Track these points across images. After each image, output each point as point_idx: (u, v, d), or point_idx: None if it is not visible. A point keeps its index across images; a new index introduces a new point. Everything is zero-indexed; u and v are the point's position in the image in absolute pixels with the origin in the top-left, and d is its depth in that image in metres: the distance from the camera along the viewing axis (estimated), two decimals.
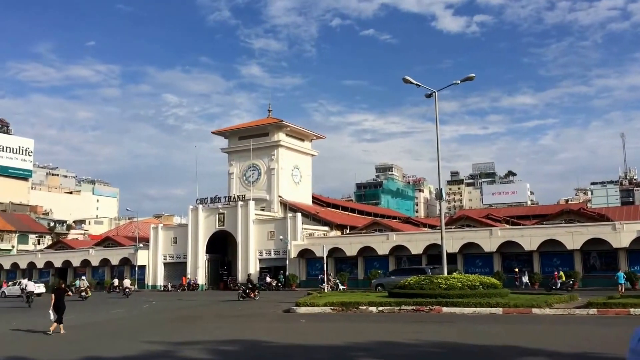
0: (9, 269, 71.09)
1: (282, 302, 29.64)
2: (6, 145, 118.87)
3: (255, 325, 19.37)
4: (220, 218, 57.23)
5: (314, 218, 60.45)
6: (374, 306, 23.44)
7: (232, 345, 14.22)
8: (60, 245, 79.58)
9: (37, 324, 20.41)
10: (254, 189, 62.31)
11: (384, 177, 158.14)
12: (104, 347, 14.38)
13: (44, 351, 13.58)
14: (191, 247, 57.77)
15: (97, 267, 64.68)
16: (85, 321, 22.69)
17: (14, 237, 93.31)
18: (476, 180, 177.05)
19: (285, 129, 64.75)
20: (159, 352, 13.19)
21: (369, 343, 14.15)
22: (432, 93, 28.61)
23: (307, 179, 67.87)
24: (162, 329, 19.09)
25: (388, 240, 49.21)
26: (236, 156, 65.71)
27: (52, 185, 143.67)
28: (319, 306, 24.10)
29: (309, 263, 52.01)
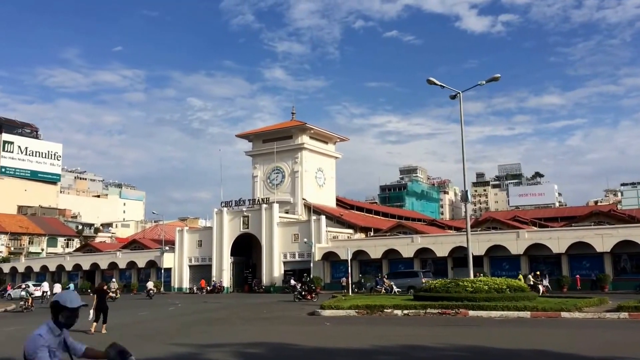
0: (39, 272, 72.33)
1: (306, 305, 29.61)
2: (36, 150, 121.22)
3: (280, 328, 19.36)
4: (245, 221, 57.47)
5: (338, 221, 60.36)
6: (399, 309, 23.25)
7: (257, 348, 14.22)
8: (88, 248, 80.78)
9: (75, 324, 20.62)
10: (278, 191, 62.47)
11: (408, 179, 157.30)
12: (131, 349, 14.46)
13: None
14: (216, 249, 58.13)
15: (124, 269, 65.49)
16: (112, 323, 22.92)
17: (44, 240, 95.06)
18: (502, 181, 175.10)
19: (309, 132, 64.81)
20: (185, 354, 13.24)
21: (394, 346, 14.01)
22: (457, 94, 28.34)
23: (330, 181, 67.82)
24: (188, 331, 19.19)
25: (413, 242, 48.89)
26: (260, 159, 65.97)
27: (80, 189, 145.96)
28: (343, 309, 23.99)
29: (333, 266, 51.94)
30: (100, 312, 18.52)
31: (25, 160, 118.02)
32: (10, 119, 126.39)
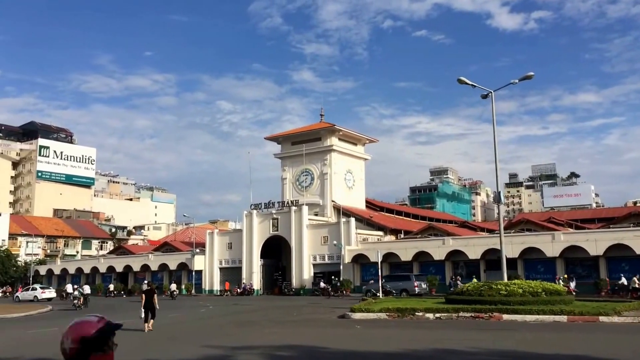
0: (74, 274, 73.65)
1: (336, 308, 29.42)
2: (70, 154, 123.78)
3: (311, 331, 19.23)
4: (274, 223, 57.57)
5: (367, 223, 60.02)
6: (431, 312, 22.91)
7: (288, 350, 14.11)
8: (122, 250, 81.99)
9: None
10: (307, 193, 62.45)
11: (438, 180, 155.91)
12: (163, 350, 14.55)
13: None
14: (246, 252, 58.36)
15: (156, 271, 66.21)
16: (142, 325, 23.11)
17: (78, 242, 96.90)
18: (536, 182, 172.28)
19: (338, 134, 64.65)
20: (217, 356, 13.22)
21: (427, 350, 13.76)
22: (489, 93, 27.84)
23: (360, 183, 67.52)
24: (219, 333, 19.21)
25: (444, 245, 48.28)
26: (289, 161, 66.06)
27: (113, 193, 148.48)
28: (374, 312, 23.74)
29: (363, 268, 51.62)
30: (149, 310, 20.02)
31: (60, 164, 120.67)
32: (46, 124, 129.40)
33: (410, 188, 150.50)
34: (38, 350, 14.97)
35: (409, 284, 40.41)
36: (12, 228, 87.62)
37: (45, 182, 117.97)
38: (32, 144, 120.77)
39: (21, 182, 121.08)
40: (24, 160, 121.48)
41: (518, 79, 27.79)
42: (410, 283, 40.64)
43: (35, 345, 16.31)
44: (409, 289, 39.28)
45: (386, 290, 40.27)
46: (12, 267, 76.37)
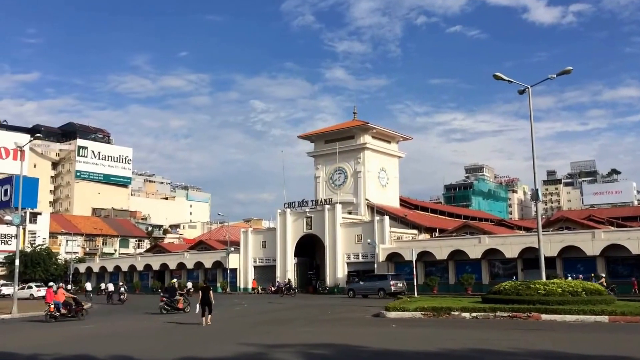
0: (112, 272, 75.16)
1: (371, 307, 29.28)
2: (108, 154, 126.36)
3: (345, 330, 19.16)
4: (308, 222, 57.67)
5: (401, 221, 59.62)
6: (467, 312, 22.59)
7: (323, 349, 14.06)
8: (158, 248, 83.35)
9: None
10: (340, 192, 62.35)
11: (474, 177, 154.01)
12: (199, 347, 14.66)
13: (143, 351, 14.01)
14: (280, 250, 58.62)
15: (191, 269, 67.04)
16: (179, 322, 23.40)
17: (116, 241, 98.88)
18: (575, 179, 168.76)
19: (371, 131, 64.37)
20: (252, 353, 13.25)
21: (464, 350, 13.55)
22: (526, 89, 27.28)
23: (394, 181, 67.12)
24: (253, 331, 19.29)
25: (480, 243, 47.61)
26: (322, 160, 66.07)
27: (149, 192, 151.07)
28: (409, 311, 23.53)
29: (397, 267, 51.25)
30: (205, 306, 21.88)
31: (98, 164, 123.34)
32: (84, 125, 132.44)
33: (445, 186, 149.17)
34: (77, 347, 15.26)
35: (386, 283, 42.68)
36: (52, 227, 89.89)
37: (83, 182, 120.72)
38: (70, 144, 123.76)
39: (60, 182, 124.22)
40: (63, 161, 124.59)
41: (556, 74, 27.13)
42: (387, 282, 42.79)
43: (73, 343, 16.63)
44: (385, 288, 41.95)
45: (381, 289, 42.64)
46: (53, 265, 78.28)
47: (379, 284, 43.05)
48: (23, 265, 64.72)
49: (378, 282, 43.62)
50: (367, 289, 43.03)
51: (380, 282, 43.28)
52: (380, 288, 42.28)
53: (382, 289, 42.06)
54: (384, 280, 43.54)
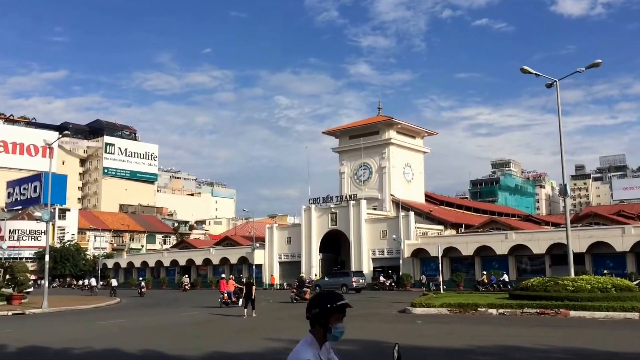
0: (139, 267, 76.13)
1: (396, 303, 29.20)
2: (134, 151, 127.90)
3: (371, 326, 19.13)
4: (333, 217, 57.66)
5: (427, 217, 59.26)
6: (494, 308, 22.38)
7: (349, 345, 14.04)
8: (184, 244, 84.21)
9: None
10: (365, 188, 62.21)
11: (500, 173, 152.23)
12: (228, 343, 14.78)
13: (173, 346, 14.16)
14: (305, 246, 58.72)
15: (217, 265, 67.54)
16: (209, 317, 23.64)
17: (143, 237, 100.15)
18: (605, 174, 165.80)
19: (396, 127, 64.04)
20: (280, 349, 13.31)
21: (490, 347, 13.42)
22: (553, 82, 26.84)
23: (419, 176, 66.72)
24: (280, 326, 19.38)
25: (507, 239, 47.07)
26: (347, 155, 65.96)
27: (175, 188, 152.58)
28: (435, 307, 23.40)
29: (423, 263, 51.01)
30: (248, 300, 23.22)
31: (125, 161, 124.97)
32: (111, 122, 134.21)
33: (471, 181, 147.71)
34: (107, 341, 15.49)
35: (348, 280, 45.83)
36: (80, 223, 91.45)
37: (110, 178, 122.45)
38: (98, 141, 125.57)
39: (88, 179, 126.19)
40: (91, 158, 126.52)
41: (585, 67, 26.65)
42: (349, 279, 46.01)
43: (104, 337, 16.89)
44: (347, 284, 44.85)
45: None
46: (82, 261, 79.72)
47: (341, 280, 45.81)
48: (53, 260, 65.91)
49: (341, 278, 46.66)
50: (332, 285, 44.21)
51: (343, 279, 46.31)
52: (342, 284, 44.77)
53: (344, 284, 44.63)
54: (347, 276, 46.88)
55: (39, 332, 19.13)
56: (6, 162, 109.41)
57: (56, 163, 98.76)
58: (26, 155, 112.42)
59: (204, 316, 24.32)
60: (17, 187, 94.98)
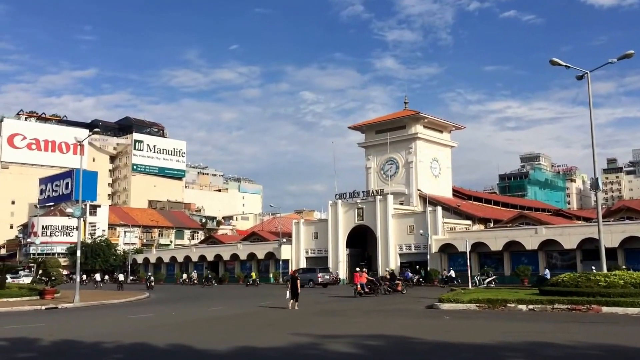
0: (168, 262, 77.10)
1: (424, 298, 29.00)
2: (163, 147, 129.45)
3: (398, 321, 19.01)
4: (359, 213, 57.55)
5: (454, 211, 58.75)
6: (524, 304, 22.05)
7: (376, 340, 13.99)
8: (212, 240, 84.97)
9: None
10: (392, 183, 61.93)
11: (530, 167, 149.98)
12: (254, 337, 14.83)
13: (201, 340, 14.27)
14: (331, 241, 58.74)
15: (244, 260, 68.04)
16: (235, 312, 23.79)
17: (172, 232, 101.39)
18: (638, 167, 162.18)
19: (423, 121, 63.57)
20: (306, 344, 13.30)
21: (520, 343, 13.20)
22: (584, 74, 26.28)
23: (446, 171, 66.16)
24: (306, 321, 19.38)
25: (537, 234, 46.38)
26: (373, 150, 65.73)
27: (203, 184, 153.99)
28: (463, 303, 23.15)
29: (450, 258, 50.61)
30: (293, 293, 24.56)
31: (153, 157, 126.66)
32: (139, 119, 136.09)
33: (499, 175, 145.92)
34: (136, 335, 15.68)
35: (314, 276, 50.02)
36: (111, 219, 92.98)
37: (140, 175, 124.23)
38: (127, 138, 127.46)
39: (118, 175, 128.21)
40: (120, 154, 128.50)
41: (616, 58, 26.03)
42: (315, 275, 50.20)
43: (133, 331, 17.10)
44: (314, 279, 49.13)
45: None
46: (112, 256, 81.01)
47: (309, 276, 49.78)
48: (84, 256, 67.11)
49: (309, 274, 50.77)
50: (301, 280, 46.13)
51: (310, 275, 50.51)
52: (310, 279, 48.86)
53: (311, 280, 48.95)
54: (313, 273, 51.15)
55: (71, 326, 19.47)
56: (39, 160, 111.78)
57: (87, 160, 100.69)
58: (58, 153, 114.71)
59: (233, 310, 24.49)
60: (49, 184, 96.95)
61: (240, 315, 22.43)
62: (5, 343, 14.24)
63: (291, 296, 24.63)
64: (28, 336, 15.41)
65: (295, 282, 24.99)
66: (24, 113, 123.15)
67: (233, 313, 23.28)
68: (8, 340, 14.73)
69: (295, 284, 24.79)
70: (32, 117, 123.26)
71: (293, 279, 25.54)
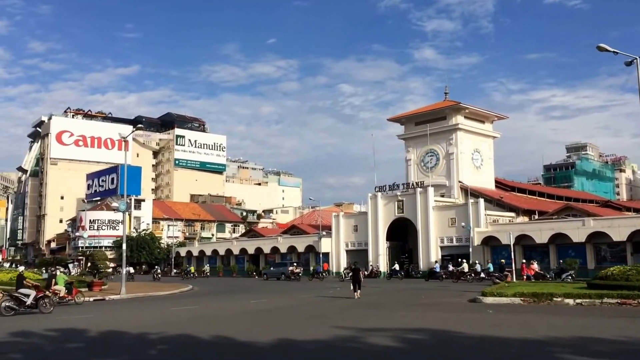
0: (210, 255, 78.19)
1: (466, 292, 28.58)
2: (203, 142, 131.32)
3: (441, 315, 18.78)
4: (399, 205, 57.10)
5: (497, 203, 57.71)
6: (571, 298, 21.46)
7: (418, 333, 13.83)
8: (252, 233, 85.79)
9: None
10: (432, 174, 61.24)
11: (576, 157, 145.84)
12: (295, 330, 14.86)
13: (243, 332, 14.38)
14: (371, 234, 58.48)
15: (285, 253, 68.38)
16: (276, 305, 23.92)
17: (213, 226, 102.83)
18: None
19: (464, 112, 62.59)
20: (348, 337, 13.25)
21: (568, 338, 12.83)
22: (633, 60, 25.28)
23: (488, 162, 65.02)
24: (347, 314, 19.34)
25: (584, 226, 45.06)
26: (413, 142, 65.10)
27: (243, 178, 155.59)
28: (507, 296, 22.69)
29: (493, 251, 49.71)
30: (356, 283, 26.57)
31: (194, 152, 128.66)
32: (181, 114, 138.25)
33: (544, 166, 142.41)
34: (180, 326, 15.91)
35: (286, 269, 53.62)
36: (154, 213, 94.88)
37: (181, 169, 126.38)
38: (169, 134, 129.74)
39: (161, 170, 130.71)
40: (163, 150, 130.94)
41: None
42: (286, 268, 53.80)
43: (177, 322, 17.36)
44: (285, 272, 52.75)
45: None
46: (156, 249, 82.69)
47: (281, 270, 54.30)
48: (129, 249, 68.70)
49: (281, 268, 55.31)
50: (275, 274, 54.24)
51: (282, 268, 54.88)
52: (282, 272, 53.25)
53: (283, 273, 53.06)
54: (285, 266, 55.20)
55: (118, 317, 19.93)
56: (85, 156, 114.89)
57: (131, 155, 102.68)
58: (103, 149, 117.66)
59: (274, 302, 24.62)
60: (95, 179, 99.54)
61: (283, 307, 22.53)
62: (56, 333, 14.68)
63: (354, 286, 26.52)
64: (77, 327, 15.83)
65: (357, 273, 27.11)
66: (71, 110, 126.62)
67: (276, 305, 23.41)
68: (58, 330, 15.18)
69: (358, 275, 26.95)
70: (79, 114, 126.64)
71: (355, 270, 27.58)
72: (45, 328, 15.44)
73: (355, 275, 27.05)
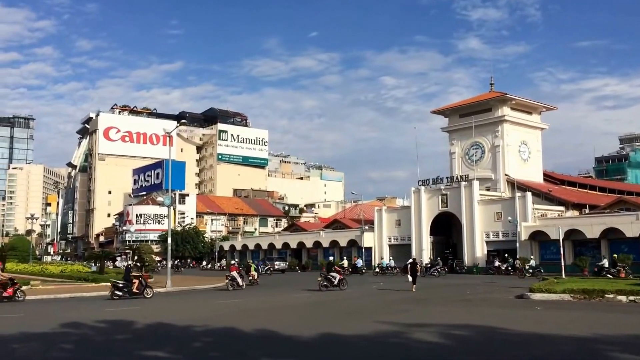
0: (253, 250, 78.96)
1: (513, 288, 27.99)
2: (246, 137, 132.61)
3: (486, 311, 18.41)
4: (443, 199, 56.33)
5: (546, 197, 56.34)
6: (624, 295, 20.74)
7: (463, 330, 13.56)
8: (295, 227, 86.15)
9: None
10: (477, 168, 60.23)
11: (630, 148, 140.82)
12: (339, 325, 14.79)
13: (287, 325, 14.39)
14: (415, 228, 57.90)
15: (327, 248, 68.36)
16: (319, 299, 23.92)
17: (256, 220, 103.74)
18: None
19: (510, 103, 61.26)
20: (391, 332, 13.12)
21: (621, 336, 12.37)
22: None
23: (536, 154, 63.51)
24: (390, 309, 19.19)
25: (638, 220, 43.45)
26: (457, 135, 64.11)
27: (285, 172, 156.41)
28: (556, 293, 22.07)
29: (542, 246, 48.51)
30: (414, 276, 28.10)
31: (237, 147, 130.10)
32: (224, 109, 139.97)
33: (595, 158, 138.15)
34: (224, 320, 16.06)
35: (272, 263, 59.38)
36: (198, 207, 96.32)
37: (224, 164, 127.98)
38: (212, 129, 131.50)
39: (204, 165, 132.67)
40: (206, 145, 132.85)
41: None
42: (272, 262, 59.86)
43: (221, 316, 17.53)
44: (272, 267, 57.16)
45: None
46: (200, 243, 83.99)
47: (268, 264, 57.96)
48: (174, 243, 69.95)
49: (268, 262, 59.82)
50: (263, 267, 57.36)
51: (269, 263, 59.26)
52: (268, 267, 56.23)
53: (270, 267, 56.47)
54: (272, 261, 61.02)
55: (163, 310, 20.28)
56: (131, 151, 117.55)
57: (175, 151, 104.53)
58: (149, 144, 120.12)
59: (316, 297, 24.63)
60: (141, 174, 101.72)
61: (325, 302, 22.50)
62: (105, 325, 15.02)
63: (412, 280, 27.87)
64: (125, 319, 16.18)
65: (415, 266, 28.71)
66: (117, 107, 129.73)
67: (318, 299, 23.40)
68: (107, 322, 15.54)
69: (415, 269, 28.54)
70: (125, 110, 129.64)
71: (413, 264, 29.12)
72: (95, 320, 15.82)
73: (413, 268, 28.34)
